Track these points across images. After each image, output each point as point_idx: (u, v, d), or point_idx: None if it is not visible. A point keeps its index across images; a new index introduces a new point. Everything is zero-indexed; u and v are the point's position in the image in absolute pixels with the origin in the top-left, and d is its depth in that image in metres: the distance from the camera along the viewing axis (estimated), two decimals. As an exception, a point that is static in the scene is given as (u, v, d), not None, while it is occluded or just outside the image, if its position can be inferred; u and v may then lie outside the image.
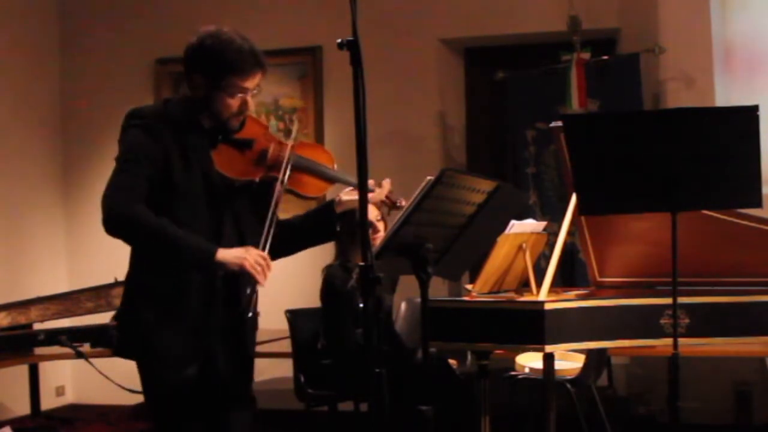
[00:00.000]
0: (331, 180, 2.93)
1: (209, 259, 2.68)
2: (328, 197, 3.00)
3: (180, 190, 2.73)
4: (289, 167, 2.81)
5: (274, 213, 2.76)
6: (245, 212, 2.87)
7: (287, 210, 2.94)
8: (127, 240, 2.72)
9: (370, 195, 2.81)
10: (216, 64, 2.73)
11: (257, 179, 2.82)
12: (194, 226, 2.74)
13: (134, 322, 2.79)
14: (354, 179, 2.58)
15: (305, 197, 2.91)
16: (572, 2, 5.51)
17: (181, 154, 2.74)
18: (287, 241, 2.94)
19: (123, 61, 6.62)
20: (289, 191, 2.86)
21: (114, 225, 2.66)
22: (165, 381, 2.79)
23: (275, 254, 2.83)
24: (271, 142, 2.87)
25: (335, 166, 2.96)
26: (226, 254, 2.69)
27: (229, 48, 2.73)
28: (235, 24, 2.93)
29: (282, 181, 2.79)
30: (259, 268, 2.69)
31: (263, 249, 2.74)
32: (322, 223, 2.97)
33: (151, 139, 2.71)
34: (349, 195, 2.92)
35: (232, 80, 2.73)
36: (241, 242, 2.80)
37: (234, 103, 2.76)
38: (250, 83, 2.76)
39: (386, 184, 2.96)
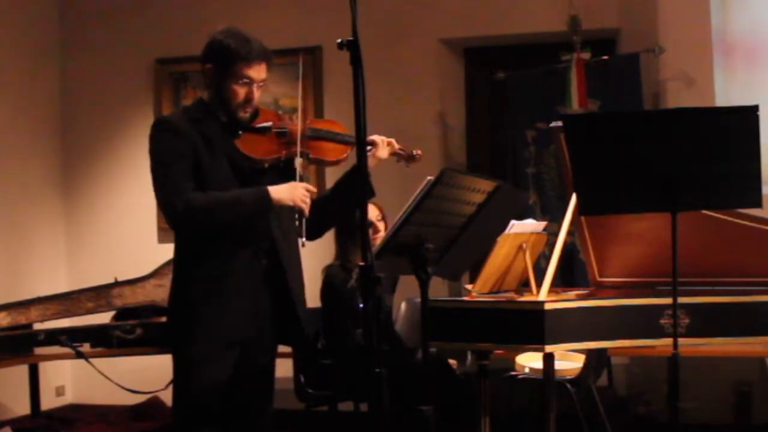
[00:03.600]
0: (348, 143, 3.10)
1: (269, 201, 2.92)
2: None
3: (209, 177, 2.93)
4: (305, 136, 3.04)
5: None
6: None
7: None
8: (201, 227, 2.93)
9: (377, 152, 3.12)
10: (224, 52, 2.97)
11: (282, 156, 3.02)
12: None
13: (181, 305, 2.95)
14: (370, 137, 3.03)
15: (331, 162, 3.12)
16: (572, 2, 5.51)
17: (206, 145, 2.94)
18: (325, 213, 3.14)
19: (123, 61, 6.62)
20: (316, 160, 3.10)
21: (183, 224, 2.92)
22: (198, 372, 2.90)
23: (318, 232, 3.14)
24: (286, 122, 3.11)
25: (350, 132, 3.09)
26: (278, 193, 2.93)
27: (236, 38, 2.98)
28: (235, 24, 3.03)
29: (302, 153, 3.00)
30: (307, 200, 2.92)
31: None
32: (354, 186, 3.04)
33: (178, 137, 2.95)
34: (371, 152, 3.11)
35: (238, 67, 2.94)
36: (277, 219, 3.00)
37: (240, 90, 2.97)
38: (255, 72, 2.98)
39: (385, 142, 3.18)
